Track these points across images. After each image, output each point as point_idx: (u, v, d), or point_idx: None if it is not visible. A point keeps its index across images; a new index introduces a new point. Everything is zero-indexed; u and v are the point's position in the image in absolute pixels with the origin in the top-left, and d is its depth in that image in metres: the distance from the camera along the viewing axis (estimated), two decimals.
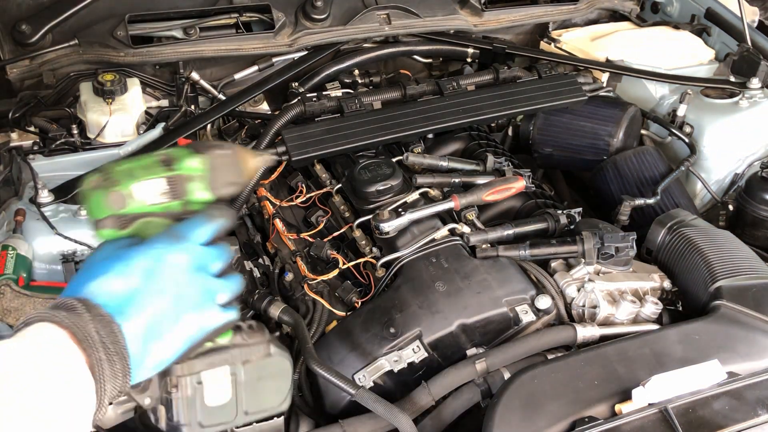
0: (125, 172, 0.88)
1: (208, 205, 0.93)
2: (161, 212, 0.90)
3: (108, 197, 0.86)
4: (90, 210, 0.89)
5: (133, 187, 0.87)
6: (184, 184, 0.91)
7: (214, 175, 0.92)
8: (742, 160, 1.88)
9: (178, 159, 0.90)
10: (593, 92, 1.97)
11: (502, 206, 1.65)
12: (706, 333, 1.25)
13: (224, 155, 0.94)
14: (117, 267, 0.85)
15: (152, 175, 0.88)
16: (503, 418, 1.10)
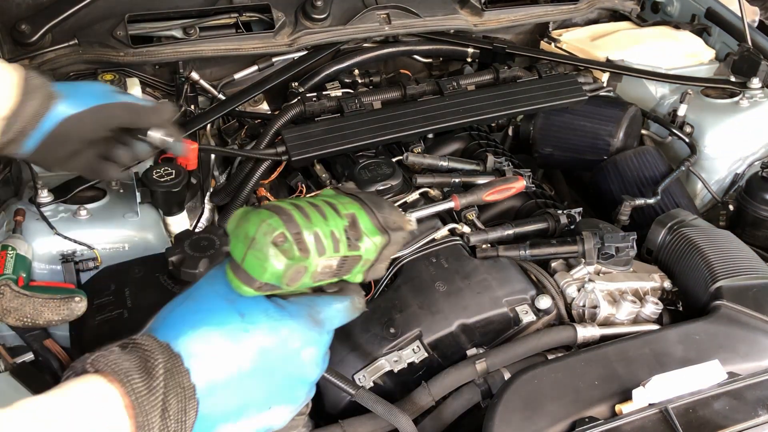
0: (317, 239, 0.75)
1: (351, 285, 0.85)
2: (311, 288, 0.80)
3: (292, 269, 0.73)
4: (251, 263, 0.72)
5: (319, 266, 0.76)
6: (354, 265, 0.81)
7: (379, 258, 0.84)
8: (743, 160, 1.88)
9: (362, 234, 0.80)
10: (593, 92, 1.97)
11: (503, 206, 1.64)
12: (706, 333, 1.25)
13: (399, 236, 0.85)
14: (234, 329, 0.72)
15: (337, 254, 0.77)
16: (503, 418, 1.10)
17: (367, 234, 0.81)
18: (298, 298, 0.78)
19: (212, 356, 0.70)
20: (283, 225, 0.73)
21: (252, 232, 0.72)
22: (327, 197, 0.82)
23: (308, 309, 0.77)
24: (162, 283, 1.31)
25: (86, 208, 1.45)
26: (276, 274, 0.72)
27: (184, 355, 0.69)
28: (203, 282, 0.78)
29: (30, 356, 1.28)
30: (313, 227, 0.75)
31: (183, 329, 0.70)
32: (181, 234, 1.34)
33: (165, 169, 1.50)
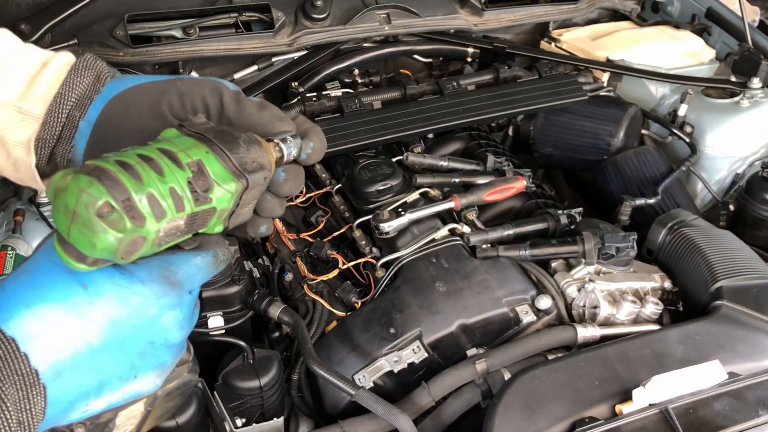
0: (152, 202, 0.65)
1: (212, 237, 0.77)
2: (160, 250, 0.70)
3: (125, 242, 0.64)
4: (77, 239, 0.64)
5: (160, 232, 0.67)
6: (207, 219, 0.72)
7: (241, 204, 0.75)
8: (743, 159, 1.88)
9: (212, 184, 0.70)
10: (594, 92, 1.96)
11: (503, 206, 1.64)
12: (706, 333, 1.25)
13: (259, 177, 0.75)
14: (76, 303, 0.66)
15: (181, 212, 0.68)
16: (503, 418, 1.10)
17: (218, 182, 0.71)
18: (150, 260, 0.70)
19: (54, 336, 0.64)
20: (106, 192, 0.63)
21: (72, 203, 0.63)
22: (165, 143, 0.70)
23: (161, 271, 0.71)
24: None
25: None
26: (107, 249, 0.63)
27: (19, 339, 0.62)
28: (39, 253, 0.70)
29: None
30: (145, 188, 0.65)
31: (17, 309, 0.64)
32: None
33: None
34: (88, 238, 0.63)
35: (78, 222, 0.63)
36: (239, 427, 1.21)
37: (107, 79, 0.84)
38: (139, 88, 0.82)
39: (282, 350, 1.40)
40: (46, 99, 0.82)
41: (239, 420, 1.21)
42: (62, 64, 0.84)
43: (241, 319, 1.36)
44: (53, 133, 0.83)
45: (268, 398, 1.22)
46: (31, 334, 0.63)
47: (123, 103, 0.81)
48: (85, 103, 0.83)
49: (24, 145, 0.82)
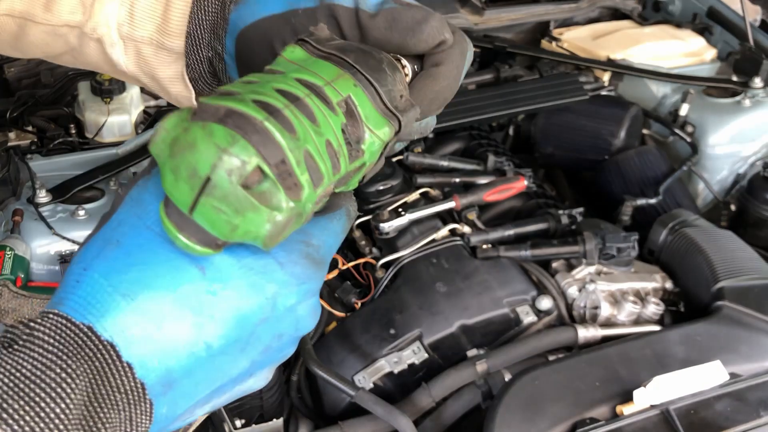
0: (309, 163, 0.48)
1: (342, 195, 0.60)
2: None
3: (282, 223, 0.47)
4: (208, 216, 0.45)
5: (315, 204, 0.50)
6: (353, 177, 0.56)
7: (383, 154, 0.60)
8: (745, 159, 1.87)
9: (363, 130, 0.53)
10: (595, 91, 1.96)
11: (503, 206, 1.64)
12: (708, 334, 1.25)
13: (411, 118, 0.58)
14: (194, 292, 0.49)
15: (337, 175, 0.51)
16: (504, 419, 1.09)
17: (371, 127, 0.54)
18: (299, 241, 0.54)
19: (165, 337, 0.47)
20: (256, 153, 0.45)
21: (205, 168, 0.44)
22: (304, 72, 0.52)
23: (303, 247, 0.53)
24: None
25: (84, 208, 1.45)
26: (252, 233, 0.46)
27: (120, 343, 0.46)
28: (125, 213, 0.51)
29: None
30: (302, 145, 0.47)
31: (112, 300, 0.46)
32: None
33: None
34: (227, 217, 0.45)
35: (214, 194, 0.45)
36: (238, 428, 1.21)
37: (231, 6, 0.70)
38: (254, 27, 0.67)
39: None
40: (182, 32, 0.71)
41: (238, 421, 1.21)
42: None
43: None
44: (201, 70, 0.73)
45: (267, 399, 1.22)
46: (135, 335, 0.46)
47: (245, 44, 0.69)
48: (221, 34, 0.71)
49: (178, 80, 0.74)
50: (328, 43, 0.57)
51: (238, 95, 0.48)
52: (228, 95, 0.47)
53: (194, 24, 0.72)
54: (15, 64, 1.82)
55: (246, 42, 0.68)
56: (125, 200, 0.51)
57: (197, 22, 0.72)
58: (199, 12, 0.72)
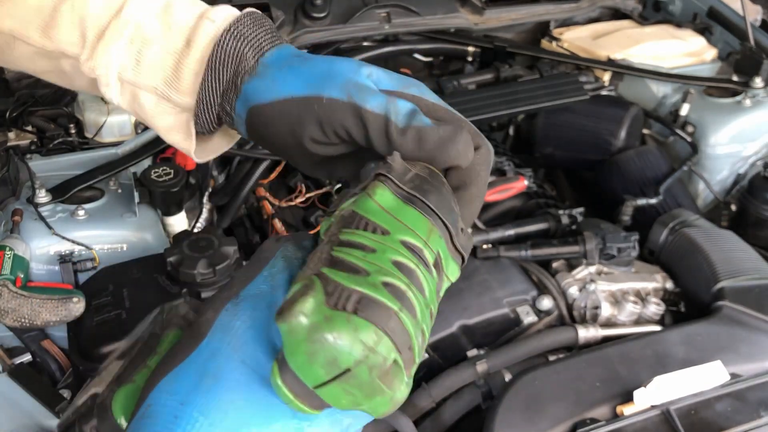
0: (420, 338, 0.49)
1: None
2: None
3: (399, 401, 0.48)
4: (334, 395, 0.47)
5: None
6: None
7: None
8: (745, 159, 1.87)
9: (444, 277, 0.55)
10: (595, 91, 1.96)
11: (504, 206, 1.64)
12: (708, 334, 1.24)
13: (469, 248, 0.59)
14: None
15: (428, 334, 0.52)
16: (504, 419, 1.09)
17: (448, 274, 0.55)
18: None
19: None
20: (395, 350, 0.46)
21: (347, 362, 0.46)
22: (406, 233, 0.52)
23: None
24: (160, 283, 1.30)
25: (84, 208, 1.44)
26: (372, 410, 0.48)
27: None
28: (219, 341, 0.50)
29: (28, 357, 1.27)
30: (420, 325, 0.49)
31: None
32: (179, 234, 1.34)
33: (163, 169, 1.49)
34: (354, 399, 0.47)
35: (350, 382, 0.46)
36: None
37: (245, 77, 0.69)
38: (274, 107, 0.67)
39: None
40: (193, 90, 0.71)
41: None
42: (207, 42, 0.71)
43: None
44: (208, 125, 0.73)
45: None
46: None
47: (260, 119, 0.68)
48: (232, 98, 0.70)
49: (176, 130, 0.74)
50: (406, 178, 0.57)
51: (365, 275, 0.49)
52: (355, 272, 0.49)
53: (206, 87, 0.70)
54: None
55: (261, 116, 0.68)
56: (215, 327, 0.51)
57: (209, 86, 0.70)
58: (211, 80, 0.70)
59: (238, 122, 0.70)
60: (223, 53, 0.69)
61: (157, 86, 0.71)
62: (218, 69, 0.69)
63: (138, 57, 0.71)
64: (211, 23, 0.70)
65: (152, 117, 0.73)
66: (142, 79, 0.71)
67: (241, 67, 0.69)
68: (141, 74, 0.71)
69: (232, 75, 0.70)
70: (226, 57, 0.69)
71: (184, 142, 0.73)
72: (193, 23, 0.71)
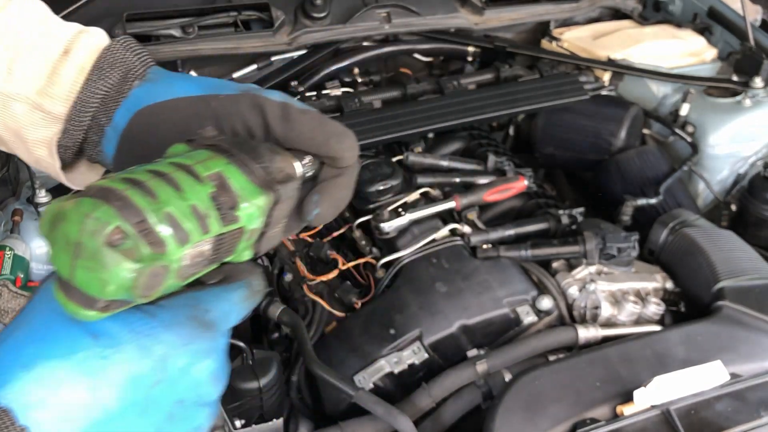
0: (172, 223, 0.54)
1: (240, 266, 0.65)
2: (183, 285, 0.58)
3: (145, 274, 0.52)
4: (83, 278, 0.51)
5: (184, 259, 0.55)
6: (235, 242, 0.61)
7: (270, 223, 0.64)
8: (745, 159, 1.87)
9: (237, 199, 0.59)
10: (595, 91, 1.96)
11: (504, 206, 1.64)
12: (708, 334, 1.24)
13: (290, 189, 0.65)
14: (87, 358, 0.53)
15: (207, 234, 0.56)
16: (504, 419, 1.09)
17: (245, 196, 0.60)
18: (174, 298, 0.58)
19: (61, 401, 0.51)
20: (116, 215, 0.51)
21: (74, 234, 0.51)
22: (177, 157, 0.60)
23: (189, 311, 0.58)
24: None
25: None
26: (123, 285, 0.51)
27: (17, 409, 0.50)
28: (36, 300, 0.57)
29: None
30: (163, 207, 0.53)
31: (12, 371, 0.51)
32: None
33: None
34: (97, 274, 0.50)
35: (84, 256, 0.51)
36: (238, 428, 1.20)
37: (135, 82, 0.71)
38: (168, 105, 0.69)
39: (281, 351, 1.39)
40: (68, 98, 0.70)
41: (238, 421, 1.21)
42: (88, 53, 0.71)
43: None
44: (76, 138, 0.72)
45: (267, 399, 1.22)
46: (31, 401, 0.50)
47: (151, 119, 0.70)
48: (111, 107, 0.71)
49: (45, 144, 0.72)
50: (212, 138, 0.65)
51: (112, 176, 0.55)
52: (104, 178, 0.56)
53: (85, 93, 0.70)
54: None
55: (150, 118, 0.70)
56: (39, 290, 0.58)
57: (89, 91, 0.70)
58: (95, 82, 0.70)
59: (110, 136, 0.72)
60: (111, 57, 0.71)
61: (29, 94, 0.70)
62: (104, 72, 0.71)
63: (10, 65, 0.70)
64: (92, 36, 0.72)
65: (23, 129, 0.72)
66: (14, 88, 0.70)
67: (131, 73, 0.72)
68: (13, 82, 0.70)
69: (118, 80, 0.72)
70: (114, 62, 0.71)
71: (50, 158, 0.73)
72: (71, 36, 0.72)
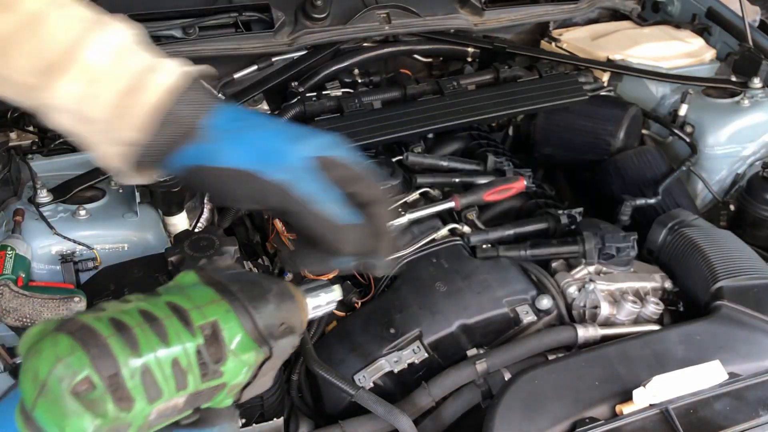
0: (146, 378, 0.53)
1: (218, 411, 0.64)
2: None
3: (104, 429, 0.52)
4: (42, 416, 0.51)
5: (151, 415, 0.55)
6: (214, 394, 0.60)
7: (258, 375, 0.63)
8: (744, 159, 1.88)
9: (226, 354, 0.58)
10: (594, 92, 1.96)
11: (503, 206, 1.64)
12: (707, 333, 1.25)
13: (287, 344, 0.63)
14: None
15: (183, 392, 0.56)
16: (504, 418, 1.10)
17: (235, 352, 0.58)
18: None
19: None
20: (89, 364, 0.50)
21: (42, 372, 0.50)
22: (179, 296, 0.58)
23: None
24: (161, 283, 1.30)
25: (85, 208, 1.45)
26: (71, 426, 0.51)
27: None
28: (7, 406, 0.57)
29: None
30: (140, 358, 0.52)
31: None
32: (180, 234, 1.34)
33: None
34: (55, 419, 0.50)
35: (46, 397, 0.50)
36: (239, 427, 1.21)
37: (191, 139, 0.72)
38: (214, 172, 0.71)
39: None
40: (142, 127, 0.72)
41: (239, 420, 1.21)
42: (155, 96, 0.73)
43: None
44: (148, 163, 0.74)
45: (267, 398, 1.22)
46: None
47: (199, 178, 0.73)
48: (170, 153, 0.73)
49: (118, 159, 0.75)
50: (225, 271, 0.63)
51: (102, 312, 0.54)
52: (97, 310, 0.55)
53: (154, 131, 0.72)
54: None
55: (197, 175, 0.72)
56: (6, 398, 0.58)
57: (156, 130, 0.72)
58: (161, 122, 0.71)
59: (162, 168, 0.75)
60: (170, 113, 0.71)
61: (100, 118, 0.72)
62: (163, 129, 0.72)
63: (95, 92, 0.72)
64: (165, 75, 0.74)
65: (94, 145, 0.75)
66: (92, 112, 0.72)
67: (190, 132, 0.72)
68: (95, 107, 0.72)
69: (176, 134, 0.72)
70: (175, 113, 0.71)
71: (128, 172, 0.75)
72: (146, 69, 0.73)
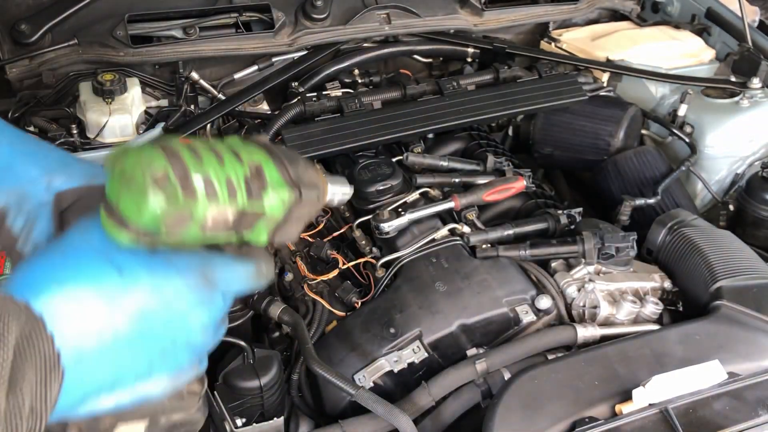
0: (207, 183, 0.65)
1: (257, 250, 0.75)
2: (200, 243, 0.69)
3: (173, 213, 0.63)
4: (126, 204, 0.63)
5: (209, 215, 0.65)
6: (255, 221, 0.70)
7: (289, 219, 0.73)
8: (743, 160, 1.88)
9: (266, 187, 0.70)
10: (594, 92, 1.96)
11: (503, 206, 1.64)
12: (706, 333, 1.25)
13: (312, 195, 0.75)
14: (110, 287, 0.63)
15: (232, 202, 0.67)
16: (503, 418, 1.10)
17: (273, 186, 0.70)
18: (190, 252, 0.68)
19: (82, 319, 0.60)
20: (166, 163, 0.63)
21: (129, 168, 0.63)
22: (232, 144, 0.71)
23: (201, 266, 0.68)
24: None
25: None
26: (154, 216, 0.62)
27: (47, 318, 0.58)
28: (74, 232, 0.67)
29: None
30: (204, 169, 0.65)
31: (48, 285, 0.60)
32: None
33: None
34: (137, 201, 0.62)
35: (131, 186, 0.62)
36: (239, 426, 1.21)
37: None
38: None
39: (282, 350, 1.40)
40: None
41: (239, 420, 1.22)
42: None
43: (241, 319, 1.36)
44: None
45: (268, 398, 1.22)
46: (59, 314, 0.59)
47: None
48: None
49: None
50: (263, 141, 0.76)
51: (180, 138, 0.68)
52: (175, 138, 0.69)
53: None
54: (16, 65, 1.83)
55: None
56: (75, 225, 0.68)
57: None
58: None
59: None
60: None
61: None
62: None
63: None
64: None
65: None
66: None
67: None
68: None
69: None
70: None
71: None
72: None
